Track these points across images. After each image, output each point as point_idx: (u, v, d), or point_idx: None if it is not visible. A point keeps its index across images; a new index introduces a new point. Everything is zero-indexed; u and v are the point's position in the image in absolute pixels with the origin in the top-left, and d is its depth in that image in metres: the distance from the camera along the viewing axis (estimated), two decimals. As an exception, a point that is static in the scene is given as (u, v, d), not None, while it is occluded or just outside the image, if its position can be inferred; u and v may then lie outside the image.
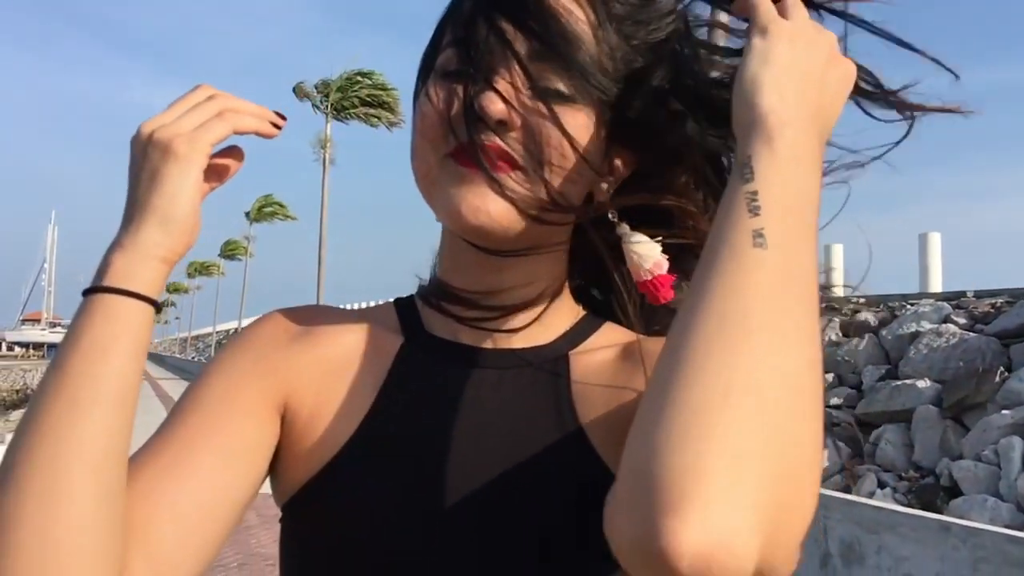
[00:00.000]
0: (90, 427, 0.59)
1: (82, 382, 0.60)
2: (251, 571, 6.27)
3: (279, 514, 0.75)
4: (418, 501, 0.69)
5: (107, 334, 0.61)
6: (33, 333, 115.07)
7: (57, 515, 0.56)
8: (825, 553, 4.85)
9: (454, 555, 0.68)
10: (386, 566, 0.68)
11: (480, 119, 0.66)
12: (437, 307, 0.77)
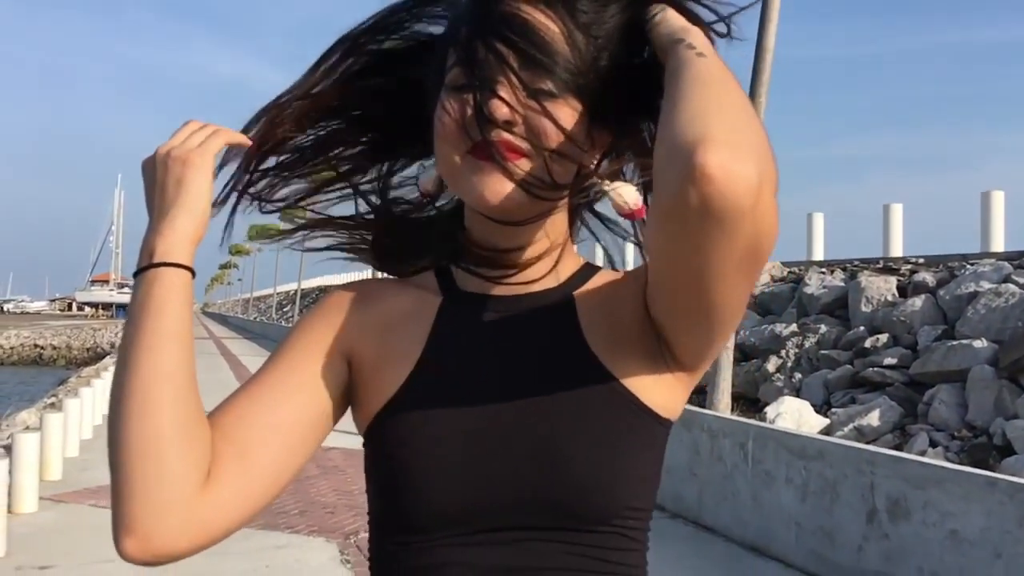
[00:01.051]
0: (162, 357, 0.82)
1: (151, 328, 0.83)
2: (310, 518, 6.53)
3: (337, 466, 0.94)
4: (463, 418, 0.88)
5: (162, 294, 0.84)
6: (102, 294, 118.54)
7: (150, 417, 0.80)
8: (871, 509, 4.89)
9: (495, 456, 0.87)
10: (439, 469, 0.87)
11: (490, 121, 0.85)
12: (467, 269, 0.97)
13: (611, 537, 0.88)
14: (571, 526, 0.87)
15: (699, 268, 0.77)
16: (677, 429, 6.22)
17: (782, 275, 12.41)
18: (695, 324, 0.86)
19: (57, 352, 54.02)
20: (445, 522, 0.87)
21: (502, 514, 0.87)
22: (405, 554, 0.89)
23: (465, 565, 0.87)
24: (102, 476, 7.98)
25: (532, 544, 0.87)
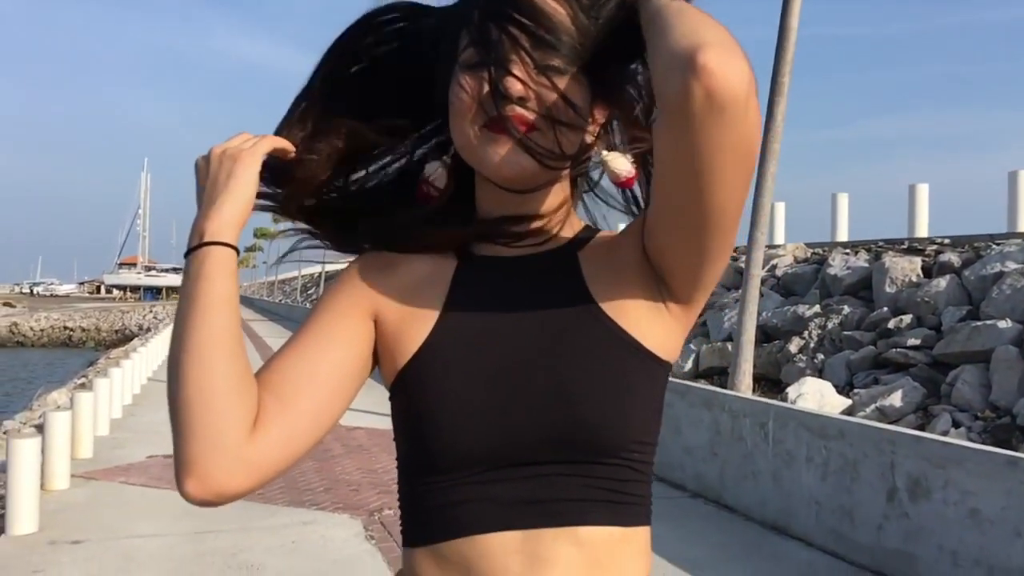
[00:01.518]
0: (215, 321, 0.93)
1: (204, 297, 0.94)
2: (335, 495, 6.63)
3: (361, 445, 1.01)
4: (482, 368, 0.97)
5: (212, 269, 0.95)
6: (130, 276, 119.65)
7: (206, 373, 0.91)
8: (892, 488, 4.90)
9: (513, 400, 0.96)
10: (461, 415, 0.95)
11: (505, 97, 0.93)
12: (481, 236, 1.06)
13: (620, 469, 0.97)
14: (584, 460, 0.96)
15: (701, 167, 0.85)
16: (698, 409, 6.29)
17: (806, 256, 12.33)
18: (693, 239, 0.94)
19: (86, 334, 54.76)
20: (468, 462, 0.96)
21: (521, 452, 0.95)
22: (432, 493, 0.98)
23: (488, 500, 0.96)
24: (132, 454, 8.14)
25: (549, 479, 0.96)
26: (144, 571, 4.79)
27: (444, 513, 0.97)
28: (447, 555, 0.97)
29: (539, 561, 0.95)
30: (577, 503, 0.96)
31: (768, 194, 8.30)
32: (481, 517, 0.96)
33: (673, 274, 0.99)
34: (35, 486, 5.64)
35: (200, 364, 0.91)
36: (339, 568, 4.83)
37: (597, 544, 0.97)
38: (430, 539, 0.99)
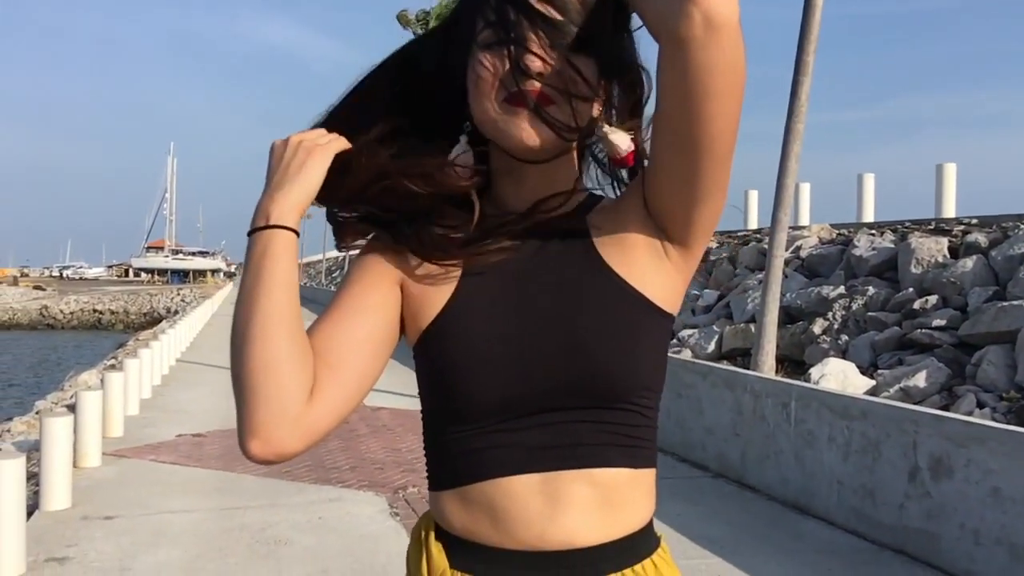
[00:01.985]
0: (279, 299, 1.01)
1: (268, 277, 1.01)
2: (361, 473, 6.73)
3: (385, 425, 1.11)
4: (500, 325, 1.06)
5: (277, 251, 1.03)
6: (157, 260, 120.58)
7: (271, 346, 0.99)
8: (914, 467, 4.90)
9: (530, 353, 1.04)
10: (482, 369, 1.04)
11: (525, 73, 1.01)
12: (496, 206, 1.13)
13: (630, 415, 1.06)
14: (598, 406, 1.04)
15: (699, 90, 0.94)
16: (720, 390, 6.30)
17: (831, 237, 12.24)
18: (691, 172, 1.01)
19: (115, 317, 55.43)
20: (489, 412, 1.04)
21: (539, 401, 1.04)
22: (457, 441, 1.07)
23: (510, 446, 1.04)
24: (161, 433, 8.29)
25: (566, 425, 1.04)
26: (175, 546, 4.91)
27: (469, 459, 1.06)
28: (472, 497, 1.06)
29: (558, 501, 1.04)
30: (593, 447, 1.04)
31: (792, 175, 8.26)
32: (504, 461, 1.04)
33: (672, 216, 1.06)
34: (68, 464, 5.78)
35: (266, 340, 0.99)
36: (365, 543, 4.92)
37: (610, 484, 1.05)
38: (456, 482, 1.07)
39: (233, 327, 1.02)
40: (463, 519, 1.07)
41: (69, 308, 56.54)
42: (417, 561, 1.10)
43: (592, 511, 1.05)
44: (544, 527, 1.04)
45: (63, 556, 4.70)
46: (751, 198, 18.02)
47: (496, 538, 1.05)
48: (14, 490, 4.44)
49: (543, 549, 1.04)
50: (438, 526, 1.10)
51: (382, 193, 1.09)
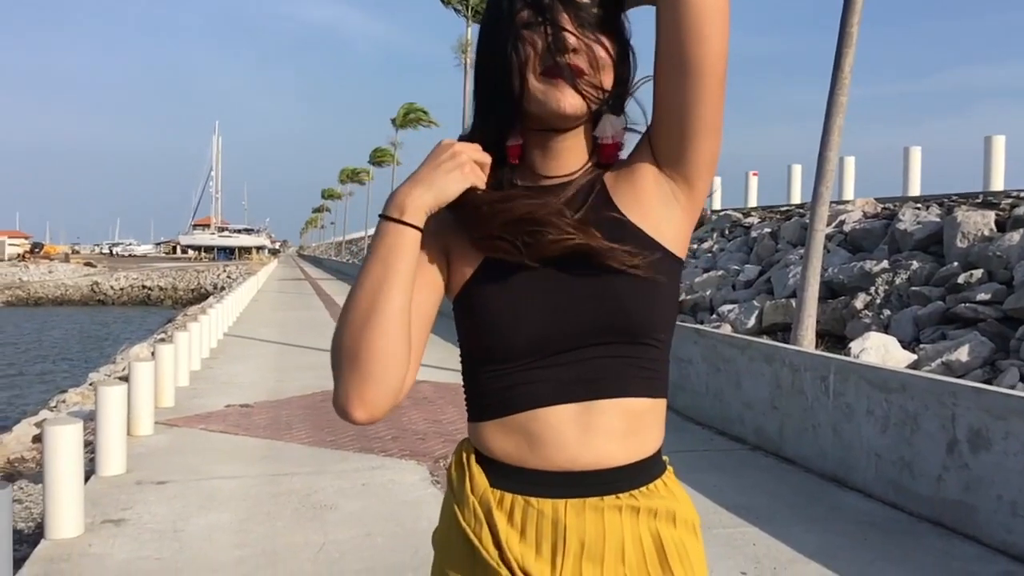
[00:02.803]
0: (401, 295, 1.15)
1: (397, 273, 1.14)
2: (402, 443, 6.88)
3: (427, 397, 1.35)
4: (533, 275, 1.18)
5: (405, 248, 1.15)
6: (204, 237, 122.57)
7: (391, 336, 1.13)
8: (952, 439, 4.90)
9: (561, 298, 1.17)
10: (517, 314, 1.18)
11: (561, 48, 1.16)
12: (525, 169, 1.28)
13: (649, 349, 1.20)
14: (622, 342, 1.18)
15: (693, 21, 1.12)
16: (759, 364, 6.32)
17: (875, 211, 12.09)
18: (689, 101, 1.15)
19: (164, 293, 56.57)
20: (527, 352, 1.18)
21: (570, 341, 1.18)
22: (498, 378, 1.21)
23: (545, 381, 1.18)
24: (210, 404, 8.53)
25: (594, 360, 1.18)
26: (224, 509, 5.10)
27: (509, 393, 1.20)
28: (512, 426, 1.20)
29: (589, 427, 1.18)
30: (619, 379, 1.19)
31: (834, 148, 8.18)
32: (541, 394, 1.18)
33: (677, 153, 1.20)
34: (122, 431, 6.00)
35: (387, 332, 1.14)
36: (406, 509, 5.06)
37: (634, 411, 1.20)
38: (497, 414, 1.21)
39: (354, 308, 1.15)
40: (503, 445, 1.21)
41: (119, 284, 57.80)
42: (460, 481, 1.24)
43: (618, 436, 1.19)
44: (576, 451, 1.18)
45: (119, 518, 4.91)
46: (794, 172, 17.82)
47: (532, 461, 1.19)
48: (72, 454, 4.64)
49: (573, 470, 1.18)
50: (477, 451, 1.24)
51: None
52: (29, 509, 6.12)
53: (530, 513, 1.19)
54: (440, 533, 1.28)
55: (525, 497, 1.19)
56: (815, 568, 4.25)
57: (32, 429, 8.98)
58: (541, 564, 1.17)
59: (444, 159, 1.18)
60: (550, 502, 1.18)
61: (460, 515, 1.22)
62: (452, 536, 1.23)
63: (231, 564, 4.21)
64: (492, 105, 1.24)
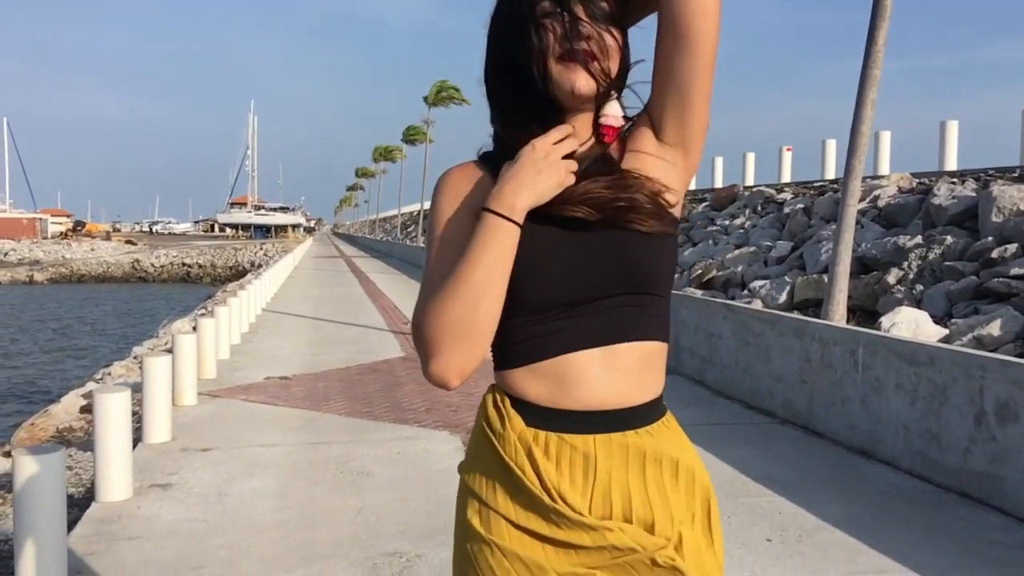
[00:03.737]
0: (501, 284, 1.30)
1: (504, 265, 1.29)
2: (436, 415, 7.05)
3: None
4: (560, 237, 1.34)
5: (512, 243, 1.31)
6: (241, 216, 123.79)
7: (491, 318, 1.30)
8: (979, 412, 4.94)
9: (587, 257, 1.33)
10: (548, 272, 1.33)
11: (577, 35, 1.31)
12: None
13: (658, 299, 1.39)
14: (635, 292, 1.36)
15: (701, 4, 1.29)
16: (788, 338, 6.39)
17: (910, 186, 11.99)
18: (689, 70, 1.32)
19: (203, 270, 57.41)
20: (553, 304, 1.34)
21: (591, 293, 1.34)
22: (525, 329, 1.36)
23: (570, 330, 1.35)
24: (250, 376, 8.77)
25: (612, 310, 1.35)
26: (266, 475, 5.29)
27: (539, 341, 1.35)
28: (543, 371, 1.36)
29: (611, 367, 1.36)
30: (634, 325, 1.36)
31: (867, 122, 8.15)
32: (570, 341, 1.34)
33: (674, 120, 1.38)
34: (167, 400, 6.22)
35: (494, 310, 1.30)
36: (439, 476, 5.21)
37: (648, 352, 1.38)
38: (528, 361, 1.37)
39: (464, 292, 1.29)
40: (535, 389, 1.36)
41: (159, 262, 58.75)
42: (500, 421, 1.37)
43: (636, 376, 1.37)
44: (603, 390, 1.35)
45: (166, 483, 5.12)
46: (828, 147, 17.65)
47: (564, 401, 1.35)
48: (121, 421, 4.85)
49: (600, 409, 1.35)
50: (508, 395, 1.39)
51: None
52: (79, 475, 6.36)
53: (563, 448, 1.34)
54: (476, 470, 1.40)
55: (558, 434, 1.34)
56: (839, 536, 4.34)
57: (79, 400, 9.29)
58: (574, 492, 1.33)
59: (542, 165, 1.33)
60: (581, 437, 1.34)
61: (502, 451, 1.35)
62: (492, 470, 1.37)
63: (273, 525, 4.40)
64: (521, 92, 1.38)
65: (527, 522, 1.33)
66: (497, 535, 1.34)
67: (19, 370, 20.15)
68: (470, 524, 1.37)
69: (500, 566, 1.33)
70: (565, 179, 1.33)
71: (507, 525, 1.34)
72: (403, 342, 11.57)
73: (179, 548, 4.08)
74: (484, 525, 1.35)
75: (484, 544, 1.35)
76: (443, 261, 1.36)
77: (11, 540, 4.55)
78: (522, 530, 1.34)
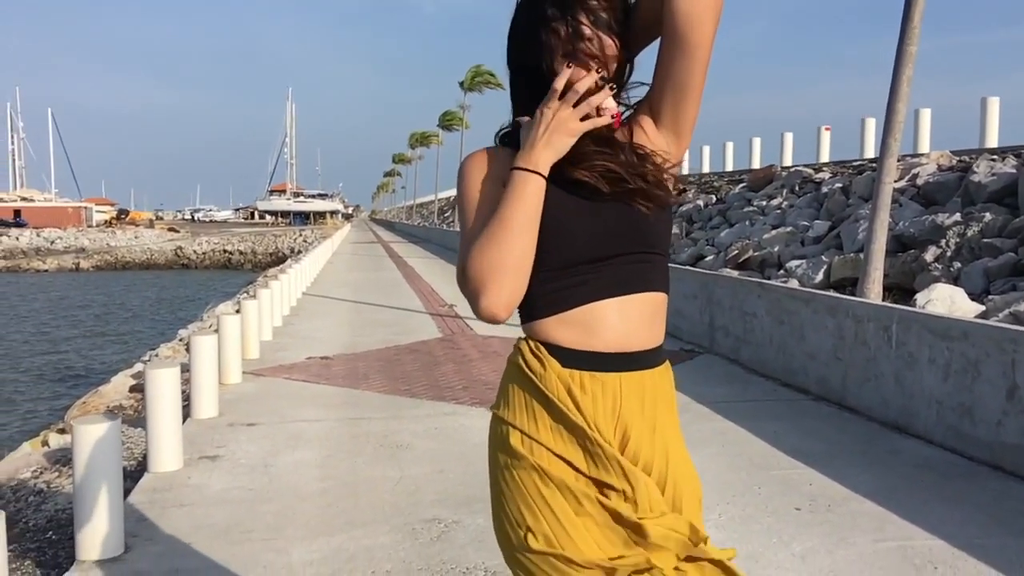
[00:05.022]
0: (533, 228, 1.53)
1: (534, 211, 1.52)
2: (472, 392, 7.20)
3: (496, 351, 2.22)
4: (582, 207, 1.57)
5: (540, 189, 1.54)
6: (280, 203, 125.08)
7: (526, 257, 1.52)
8: (1012, 385, 4.96)
9: (606, 223, 1.56)
10: (573, 232, 1.56)
11: (579, 37, 1.54)
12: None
13: (659, 257, 1.64)
14: (643, 252, 1.60)
15: (694, 7, 1.48)
16: (822, 316, 6.45)
17: (950, 164, 11.86)
18: (686, 71, 1.53)
19: (244, 257, 58.20)
20: (577, 261, 1.57)
21: (609, 253, 1.57)
22: (552, 281, 1.58)
23: (595, 282, 1.57)
24: (292, 356, 9.00)
25: (625, 266, 1.58)
26: (309, 447, 5.48)
27: (566, 292, 1.57)
28: (570, 319, 1.58)
29: (626, 315, 1.59)
30: (644, 279, 1.60)
31: (903, 99, 8.10)
32: (593, 292, 1.57)
33: (670, 111, 1.60)
34: (214, 377, 6.45)
35: (527, 248, 1.52)
36: (476, 450, 5.36)
37: (655, 302, 1.63)
38: (556, 311, 1.58)
39: (507, 236, 1.51)
40: (565, 335, 1.58)
41: (201, 249, 59.67)
42: (540, 364, 1.58)
43: (647, 324, 1.61)
44: (621, 334, 1.58)
45: (214, 455, 5.33)
46: (867, 126, 17.45)
47: (591, 344, 1.57)
48: (171, 395, 5.06)
49: (620, 351, 1.58)
50: (541, 342, 1.60)
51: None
52: (130, 449, 6.60)
53: (595, 384, 1.57)
54: (517, 407, 1.60)
55: (591, 373, 1.57)
56: (869, 506, 4.41)
57: (129, 380, 9.59)
58: (605, 421, 1.56)
59: (553, 125, 1.54)
60: (609, 375, 1.57)
61: (545, 388, 1.56)
62: (534, 407, 1.58)
63: (316, 494, 4.58)
64: (535, 86, 1.60)
65: (564, 452, 1.55)
66: (539, 458, 1.55)
67: (65, 354, 20.75)
68: (515, 449, 1.56)
69: (543, 483, 1.53)
70: (576, 131, 1.54)
71: (548, 452, 1.55)
72: (440, 324, 11.75)
73: (228, 514, 4.28)
74: (527, 450, 1.56)
75: (529, 467, 1.55)
76: (480, 219, 1.56)
77: (69, 507, 4.79)
78: (560, 458, 1.55)
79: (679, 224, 17.64)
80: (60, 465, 6.14)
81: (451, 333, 10.80)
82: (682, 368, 8.35)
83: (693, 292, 9.84)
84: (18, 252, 61.02)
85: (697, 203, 18.58)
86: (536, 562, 1.52)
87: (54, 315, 29.09)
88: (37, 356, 20.43)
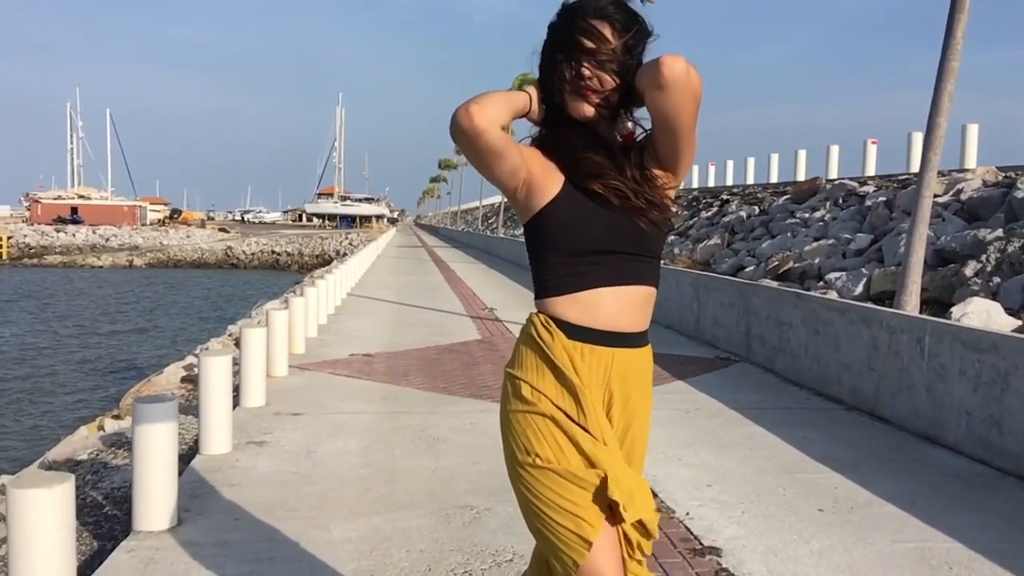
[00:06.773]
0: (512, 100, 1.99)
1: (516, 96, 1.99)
2: (510, 391, 7.38)
3: (504, 359, 1.85)
4: (593, 207, 1.94)
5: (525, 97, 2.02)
6: (327, 206, 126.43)
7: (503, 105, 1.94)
8: (1040, 398, 5.02)
9: (613, 222, 1.94)
10: (583, 227, 1.93)
11: (580, 76, 1.92)
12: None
13: (653, 259, 2.01)
14: (646, 254, 1.99)
15: (671, 106, 1.84)
16: (857, 327, 6.56)
17: (995, 180, 11.79)
18: (673, 141, 1.91)
19: (291, 258, 59.22)
20: (588, 251, 1.94)
21: (614, 249, 1.94)
22: (565, 266, 1.95)
23: (599, 271, 1.94)
24: (337, 352, 9.28)
25: (629, 261, 1.97)
26: (351, 437, 5.73)
27: (576, 277, 1.95)
28: (577, 300, 1.95)
29: (622, 301, 1.97)
30: (639, 274, 1.98)
31: (944, 114, 8.14)
32: (597, 279, 1.94)
33: (667, 160, 1.99)
34: (262, 368, 6.73)
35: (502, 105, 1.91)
36: (511, 444, 5.55)
37: (645, 294, 2.01)
38: (567, 291, 1.95)
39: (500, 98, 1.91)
40: (573, 312, 1.96)
41: (251, 249, 60.80)
42: (550, 334, 1.95)
43: (638, 308, 2.00)
44: (616, 316, 1.96)
45: (261, 440, 5.60)
46: (914, 140, 17.33)
47: (592, 321, 1.95)
48: (223, 381, 5.34)
49: (615, 330, 1.96)
50: (551, 317, 1.96)
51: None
52: (182, 435, 6.91)
53: (593, 355, 1.95)
54: (528, 367, 1.98)
55: (590, 345, 1.95)
56: (891, 509, 4.51)
57: (180, 371, 9.96)
58: (595, 386, 1.97)
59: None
60: (604, 349, 1.96)
61: (552, 354, 1.94)
62: (541, 368, 1.96)
63: (356, 479, 4.81)
64: (556, 109, 1.99)
65: (562, 404, 1.95)
66: (543, 406, 1.94)
67: (116, 348, 21.41)
68: (526, 397, 1.94)
69: (544, 424, 1.92)
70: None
71: (549, 402, 1.94)
72: (480, 327, 11.97)
73: (274, 494, 4.53)
74: (535, 399, 1.95)
75: (536, 411, 1.93)
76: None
77: (124, 485, 5.08)
78: (558, 408, 1.94)
79: (721, 235, 17.67)
80: (115, 448, 6.47)
81: (490, 336, 11.02)
82: (717, 375, 8.46)
83: (731, 301, 9.94)
84: (74, 248, 62.77)
85: (740, 214, 18.59)
86: (537, 476, 1.90)
87: (105, 310, 29.94)
88: (88, 349, 21.11)
